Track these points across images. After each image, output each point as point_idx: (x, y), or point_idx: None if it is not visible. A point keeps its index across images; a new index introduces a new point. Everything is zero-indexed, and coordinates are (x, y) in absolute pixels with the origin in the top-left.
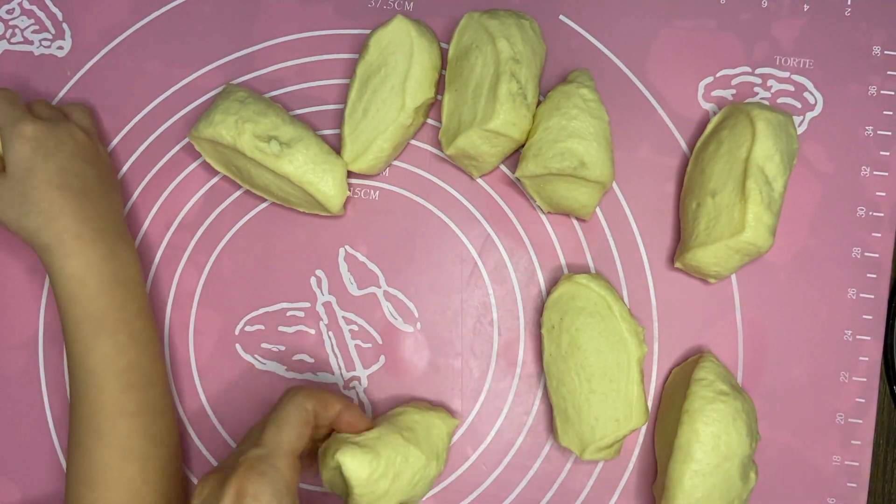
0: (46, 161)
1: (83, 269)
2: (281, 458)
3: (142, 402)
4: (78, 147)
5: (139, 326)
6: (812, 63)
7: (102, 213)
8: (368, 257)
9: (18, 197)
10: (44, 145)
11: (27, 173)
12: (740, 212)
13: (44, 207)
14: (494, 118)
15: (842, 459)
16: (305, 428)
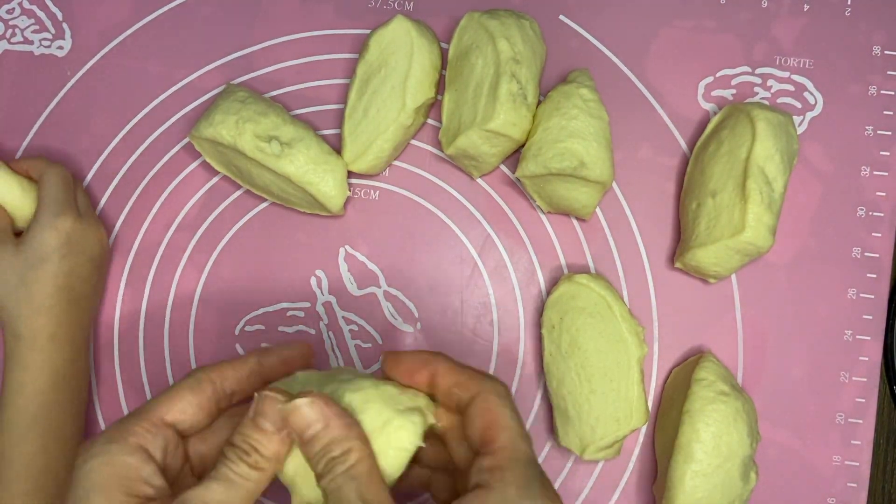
0: (62, 262)
1: (41, 365)
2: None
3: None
4: (100, 252)
5: (70, 431)
6: (812, 63)
7: (81, 321)
8: (368, 257)
9: (17, 279)
10: (69, 246)
11: (39, 263)
12: (740, 212)
13: (36, 302)
14: (495, 118)
15: (842, 459)
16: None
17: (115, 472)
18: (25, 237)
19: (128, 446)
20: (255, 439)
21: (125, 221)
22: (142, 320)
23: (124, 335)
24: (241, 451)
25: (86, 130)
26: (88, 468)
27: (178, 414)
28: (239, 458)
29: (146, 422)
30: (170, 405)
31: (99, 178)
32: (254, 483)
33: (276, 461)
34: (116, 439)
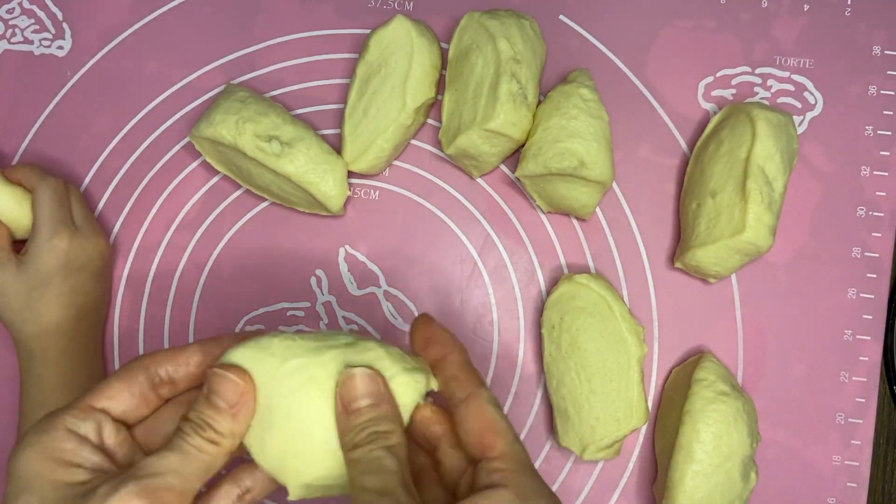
0: (64, 281)
1: (58, 379)
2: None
3: None
4: (101, 264)
5: None
6: (812, 63)
7: (90, 331)
8: (368, 257)
9: (22, 301)
10: (70, 263)
11: (42, 286)
12: (741, 212)
13: (44, 321)
14: (495, 118)
15: (842, 459)
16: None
17: (47, 456)
18: (25, 259)
19: (57, 432)
20: (208, 415)
21: (125, 221)
22: (142, 320)
23: (124, 335)
24: (196, 426)
25: (86, 130)
26: (22, 459)
27: (106, 400)
28: (194, 431)
29: (74, 409)
30: (98, 393)
31: (99, 178)
32: (210, 456)
33: (231, 437)
34: (46, 429)
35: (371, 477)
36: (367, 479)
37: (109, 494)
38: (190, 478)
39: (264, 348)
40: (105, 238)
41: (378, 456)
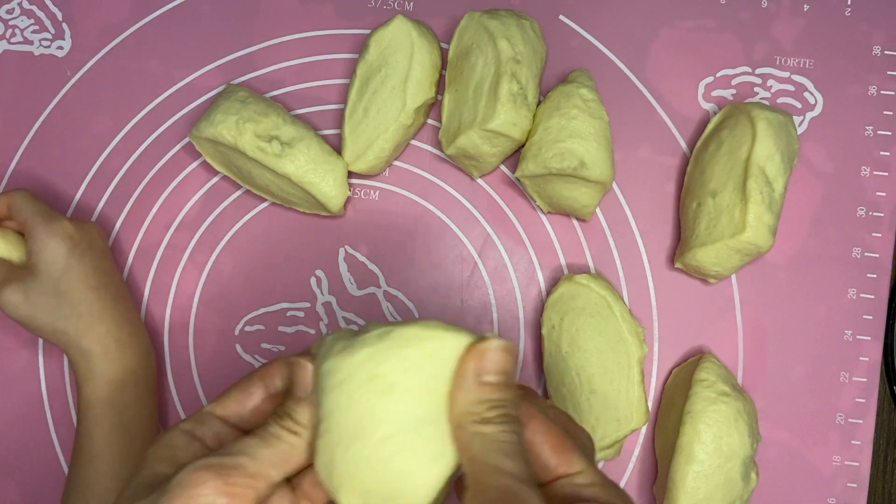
0: (82, 262)
1: (124, 374)
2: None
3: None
4: (105, 246)
5: (153, 427)
6: (812, 63)
7: (133, 314)
8: (368, 257)
9: (55, 298)
10: (79, 246)
11: (64, 274)
12: (741, 212)
13: (84, 310)
14: (495, 118)
15: (842, 459)
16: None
17: (158, 450)
18: (34, 260)
19: (175, 431)
20: (289, 406)
21: (125, 221)
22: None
23: None
24: (277, 416)
25: (86, 130)
26: (145, 455)
27: (222, 409)
28: (274, 420)
29: (198, 414)
30: (216, 401)
31: (99, 178)
32: (287, 445)
33: (311, 429)
34: (168, 430)
35: (508, 460)
36: (504, 460)
37: (183, 467)
38: (263, 462)
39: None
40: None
41: (516, 441)
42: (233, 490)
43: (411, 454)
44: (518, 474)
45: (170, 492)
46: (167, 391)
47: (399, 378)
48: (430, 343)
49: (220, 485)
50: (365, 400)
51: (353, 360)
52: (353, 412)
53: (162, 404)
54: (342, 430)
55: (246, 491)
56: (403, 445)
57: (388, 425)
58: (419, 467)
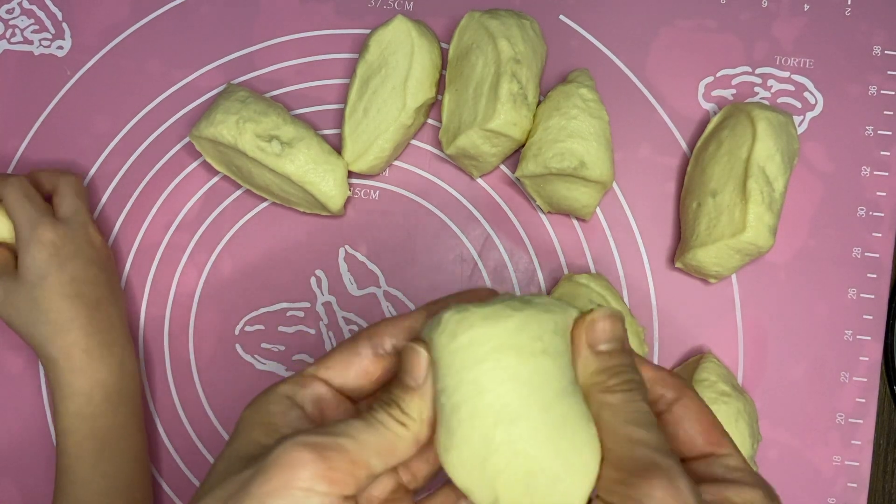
0: (61, 270)
1: (90, 385)
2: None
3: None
4: (95, 252)
5: (136, 443)
6: (812, 63)
7: (112, 324)
8: (368, 257)
9: (29, 304)
10: (61, 252)
11: (40, 281)
12: (741, 212)
13: (53, 318)
14: (495, 118)
15: (842, 459)
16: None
17: (255, 415)
18: (19, 261)
19: (272, 395)
20: (396, 394)
21: (125, 221)
22: (141, 320)
23: None
24: (384, 403)
25: (86, 130)
26: (243, 415)
27: (325, 370)
28: (381, 407)
29: (298, 376)
30: (319, 363)
31: (99, 177)
32: (394, 435)
33: (419, 422)
34: (267, 392)
35: (641, 430)
36: (636, 430)
37: (280, 444)
38: (366, 447)
39: (435, 325)
40: (96, 230)
41: (646, 410)
42: (333, 476)
43: (575, 422)
44: (654, 444)
45: (266, 470)
46: (167, 391)
47: (553, 341)
48: (564, 313)
49: (321, 468)
50: (526, 366)
51: (507, 325)
52: (506, 385)
53: (162, 404)
54: (496, 407)
55: (347, 478)
56: (567, 413)
57: (550, 391)
58: (579, 438)
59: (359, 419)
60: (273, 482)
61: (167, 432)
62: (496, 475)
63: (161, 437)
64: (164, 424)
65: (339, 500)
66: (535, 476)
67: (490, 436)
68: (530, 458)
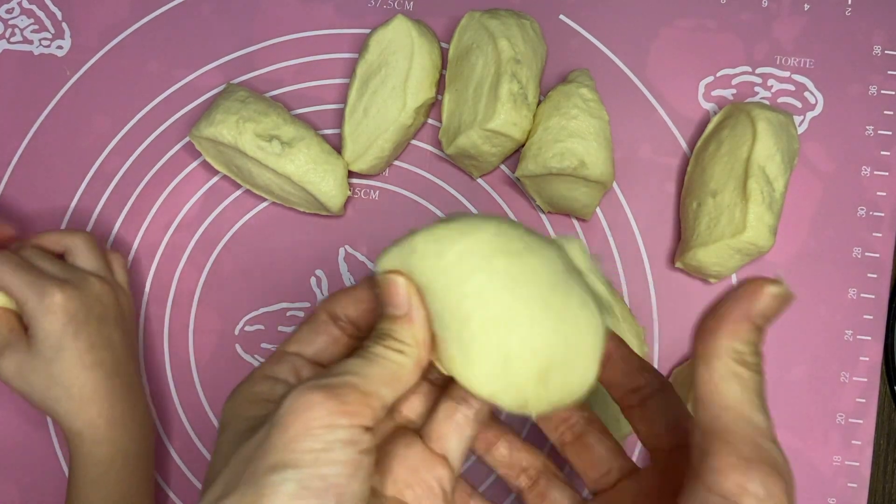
0: (77, 338)
1: (112, 453)
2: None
3: None
4: (105, 310)
5: (146, 498)
6: (812, 63)
7: (132, 384)
8: (368, 257)
9: (47, 380)
10: (75, 319)
11: (57, 354)
12: (741, 211)
13: (75, 393)
14: (495, 118)
15: (842, 460)
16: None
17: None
18: (31, 332)
19: (254, 378)
20: (386, 327)
21: (125, 221)
22: (141, 320)
23: None
24: (377, 337)
25: (86, 130)
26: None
27: (296, 344)
28: (375, 342)
29: (270, 357)
30: (288, 340)
31: (99, 177)
32: (395, 364)
33: (415, 345)
34: (246, 379)
35: (763, 417)
36: (759, 416)
37: (288, 395)
38: (373, 380)
39: (409, 252)
40: (106, 279)
41: (764, 401)
42: (349, 409)
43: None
44: (771, 435)
45: (281, 420)
46: (167, 391)
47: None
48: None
49: (336, 405)
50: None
51: (487, 233)
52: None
53: (162, 404)
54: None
55: (363, 409)
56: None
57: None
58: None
59: (357, 357)
60: (293, 429)
61: (167, 432)
62: (520, 378)
63: (161, 438)
64: (164, 424)
65: (360, 431)
66: (552, 370)
67: (506, 343)
68: (546, 355)
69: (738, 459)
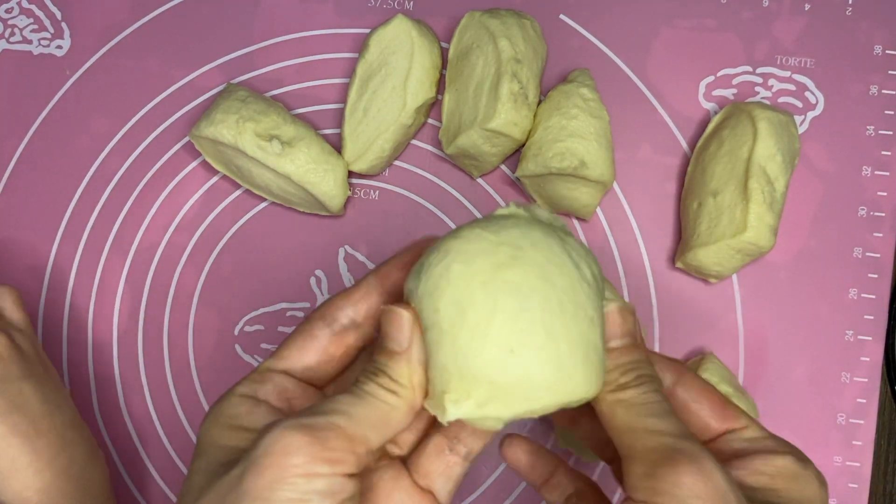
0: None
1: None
2: None
3: None
4: (5, 367)
5: None
6: (813, 62)
7: (63, 442)
8: (368, 257)
9: None
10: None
11: None
12: (742, 212)
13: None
14: (495, 118)
15: (843, 460)
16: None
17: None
18: None
19: (231, 398)
20: (382, 362)
21: (125, 221)
22: (141, 320)
23: (123, 335)
24: (371, 373)
25: (85, 130)
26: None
27: (284, 361)
28: (368, 378)
29: (255, 373)
30: (276, 354)
31: (98, 177)
32: (386, 405)
33: (410, 387)
34: (223, 397)
35: (659, 420)
36: (654, 421)
37: (267, 431)
38: (361, 422)
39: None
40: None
41: (660, 399)
42: (332, 456)
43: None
44: (673, 431)
45: (257, 462)
46: (167, 391)
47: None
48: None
49: (317, 450)
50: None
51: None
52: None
53: (161, 404)
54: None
55: (347, 457)
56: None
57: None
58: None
59: (347, 394)
60: (268, 474)
61: (167, 432)
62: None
63: (161, 437)
64: (164, 424)
65: (342, 480)
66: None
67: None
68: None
69: (645, 468)
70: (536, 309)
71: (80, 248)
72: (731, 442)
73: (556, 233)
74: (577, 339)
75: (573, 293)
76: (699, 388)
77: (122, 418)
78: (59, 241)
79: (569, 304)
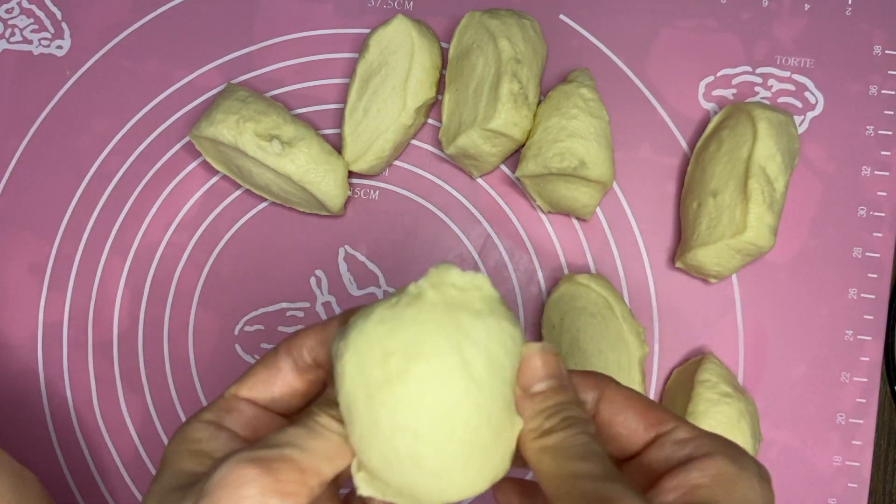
0: None
1: None
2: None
3: None
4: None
5: None
6: (813, 63)
7: None
8: (368, 257)
9: None
10: None
11: None
12: (742, 212)
13: None
14: (495, 118)
15: (842, 460)
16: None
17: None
18: None
19: (196, 423)
20: (333, 394)
21: (125, 221)
22: (141, 320)
23: (123, 335)
24: (324, 405)
25: (85, 130)
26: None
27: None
28: (321, 410)
29: (221, 400)
30: (241, 382)
31: (98, 177)
32: (339, 437)
33: None
34: (189, 421)
35: (584, 463)
36: (580, 464)
37: (221, 463)
38: (313, 454)
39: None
40: None
41: (586, 441)
42: (284, 488)
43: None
44: (598, 474)
45: (211, 493)
46: (167, 391)
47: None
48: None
49: (269, 482)
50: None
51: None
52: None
53: (161, 404)
54: (361, 419)
55: (299, 489)
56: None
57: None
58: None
59: (299, 426)
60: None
61: (167, 432)
62: (404, 497)
63: (161, 438)
64: (164, 424)
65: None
66: (425, 494)
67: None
68: (421, 489)
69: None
70: (412, 429)
71: (80, 248)
72: (663, 448)
73: (458, 319)
74: (458, 447)
75: (457, 406)
76: (622, 398)
77: (122, 418)
78: (59, 241)
79: (456, 414)
